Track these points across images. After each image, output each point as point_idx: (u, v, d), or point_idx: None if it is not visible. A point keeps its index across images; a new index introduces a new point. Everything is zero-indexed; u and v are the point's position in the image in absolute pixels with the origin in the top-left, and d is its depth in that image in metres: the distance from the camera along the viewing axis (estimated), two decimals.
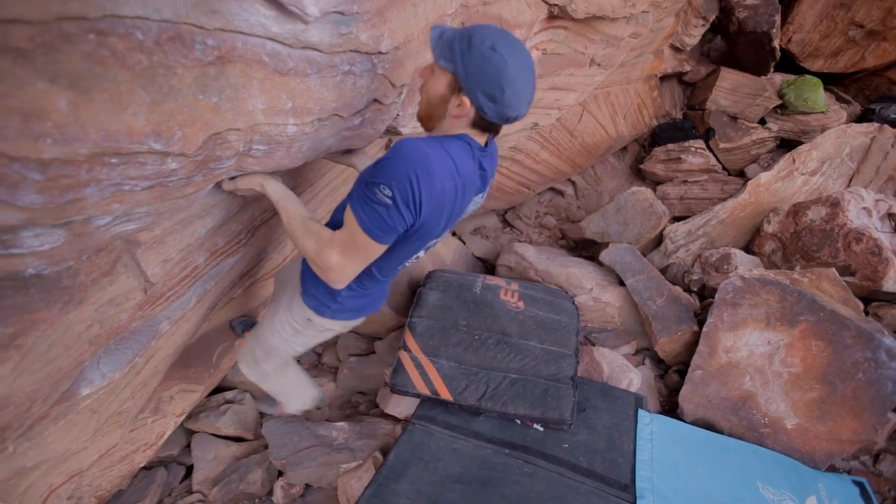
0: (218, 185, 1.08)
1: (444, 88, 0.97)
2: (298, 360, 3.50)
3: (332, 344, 3.62)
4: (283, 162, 1.06)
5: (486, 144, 1.09)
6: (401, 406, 2.73)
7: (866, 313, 3.08)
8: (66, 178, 0.70)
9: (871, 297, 3.11)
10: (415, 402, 2.60)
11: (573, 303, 3.13)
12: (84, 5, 0.62)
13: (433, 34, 0.97)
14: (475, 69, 0.91)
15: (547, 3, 1.97)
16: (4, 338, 0.88)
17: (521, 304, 2.91)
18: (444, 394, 2.44)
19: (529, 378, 2.50)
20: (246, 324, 2.27)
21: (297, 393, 2.08)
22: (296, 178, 1.50)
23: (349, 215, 0.98)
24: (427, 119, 1.07)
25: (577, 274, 3.56)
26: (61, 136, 0.66)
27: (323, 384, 3.37)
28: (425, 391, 2.45)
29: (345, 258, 1.01)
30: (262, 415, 3.28)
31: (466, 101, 0.95)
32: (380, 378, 3.22)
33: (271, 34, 0.84)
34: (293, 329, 1.44)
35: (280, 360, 1.71)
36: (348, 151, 1.34)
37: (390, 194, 0.91)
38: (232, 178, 1.06)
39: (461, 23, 1.51)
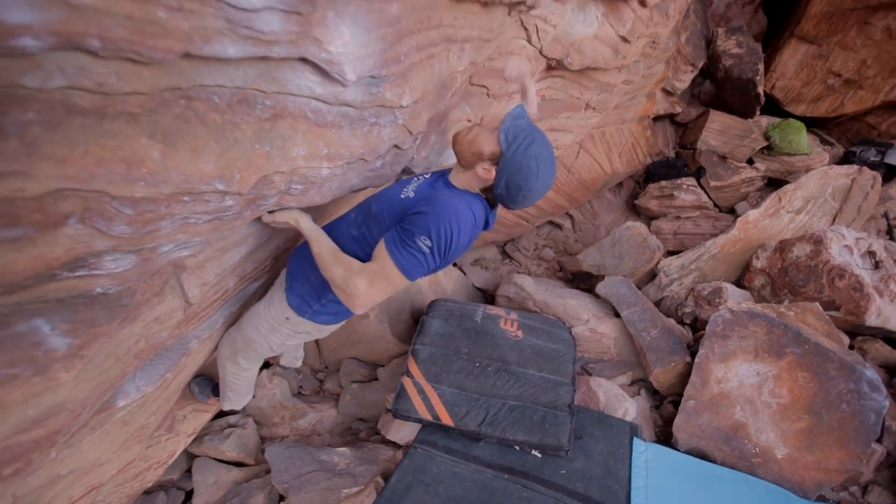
0: (257, 218, 1.23)
1: (486, 150, 1.18)
2: (300, 389, 3.59)
3: (334, 370, 3.70)
4: (314, 199, 1.22)
5: (493, 206, 1.31)
6: (402, 432, 2.80)
7: (852, 347, 3.20)
8: (149, 213, 0.85)
9: (856, 332, 3.23)
10: (415, 429, 2.67)
11: (570, 333, 3.24)
12: (180, 78, 0.79)
13: (516, 111, 1.20)
14: (516, 165, 1.13)
15: (546, 57, 2.19)
16: (73, 348, 1.01)
17: (520, 333, 3.02)
18: (446, 419, 2.52)
19: (528, 405, 2.59)
20: (203, 384, 2.32)
21: (241, 395, 2.13)
22: (318, 213, 1.66)
23: (383, 252, 1.14)
24: (458, 152, 1.26)
25: (574, 305, 3.69)
26: (151, 179, 0.82)
27: (324, 410, 3.44)
28: (427, 416, 2.53)
29: (372, 286, 1.15)
30: (263, 440, 3.33)
31: (493, 174, 1.16)
32: (381, 405, 3.29)
33: (316, 95, 1.01)
34: (269, 325, 1.55)
35: (255, 356, 1.77)
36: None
37: (429, 244, 1.10)
38: (271, 213, 1.21)
39: (486, 90, 1.75)
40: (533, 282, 4.03)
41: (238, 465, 3.12)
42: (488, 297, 4.56)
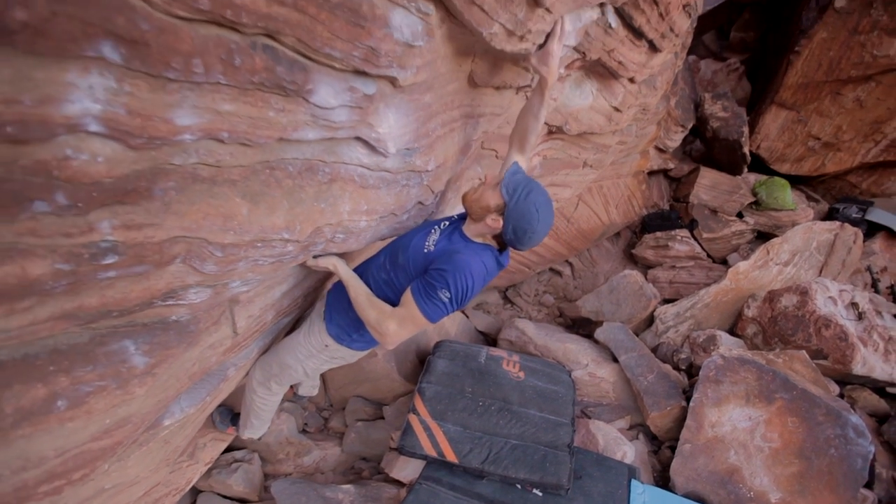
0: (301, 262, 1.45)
1: (493, 204, 1.39)
2: (305, 427, 3.68)
3: (339, 409, 3.80)
4: (352, 246, 1.44)
5: (502, 251, 1.52)
6: (406, 470, 2.89)
7: (842, 396, 3.32)
8: (233, 255, 1.07)
9: (845, 381, 3.37)
10: (419, 467, 2.76)
11: (570, 375, 3.38)
12: (270, 154, 1.03)
13: (512, 168, 1.43)
14: (519, 212, 1.35)
15: (546, 124, 2.49)
16: (148, 366, 1.19)
17: (521, 374, 3.17)
18: (450, 456, 2.62)
19: (529, 444, 2.70)
20: (223, 413, 2.47)
21: (264, 421, 2.27)
22: (346, 255, 1.89)
23: (410, 300, 1.37)
24: (468, 208, 1.47)
25: (573, 350, 3.84)
26: (239, 230, 1.04)
27: (328, 448, 3.51)
28: (432, 453, 2.64)
29: (401, 327, 1.39)
30: (266, 476, 3.39)
31: (500, 222, 1.38)
32: (385, 444, 3.37)
33: (363, 164, 1.26)
34: (307, 352, 1.74)
35: (287, 381, 1.93)
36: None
37: (448, 296, 1.32)
38: (315, 258, 1.44)
39: (495, 153, 2.03)
40: (534, 326, 4.19)
41: (241, 501, 3.17)
42: (490, 340, 4.70)
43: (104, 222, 0.85)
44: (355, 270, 1.58)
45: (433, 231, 1.53)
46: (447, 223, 1.56)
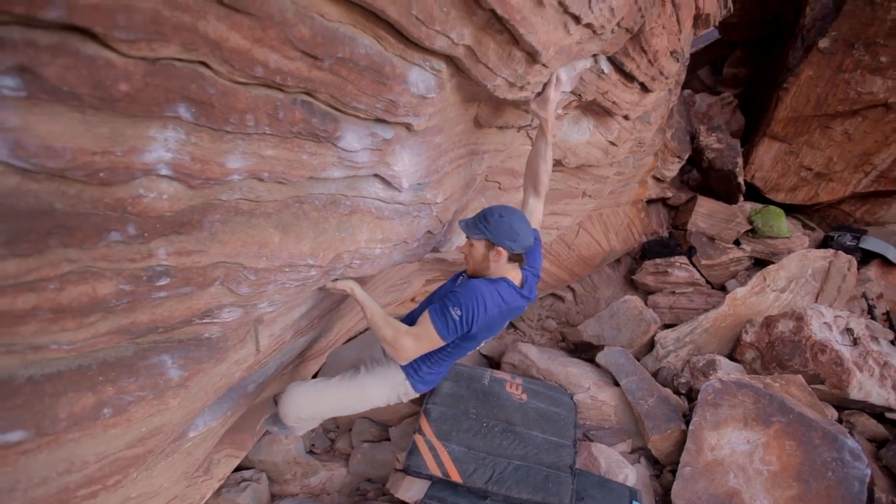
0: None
1: (483, 249, 1.54)
2: (312, 447, 3.73)
3: (346, 430, 3.86)
4: (367, 271, 1.58)
5: (523, 284, 1.64)
6: (411, 491, 2.93)
7: (840, 421, 3.37)
8: (264, 279, 1.21)
9: (843, 406, 3.42)
10: (423, 487, 2.82)
11: (571, 398, 3.45)
12: (300, 190, 1.18)
13: (461, 225, 1.58)
14: (496, 230, 1.50)
15: None
16: (182, 379, 1.31)
17: (524, 396, 3.24)
18: (455, 476, 2.69)
19: (532, 465, 2.76)
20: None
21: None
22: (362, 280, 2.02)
23: (426, 319, 1.52)
24: (478, 272, 1.62)
25: (575, 373, 3.91)
26: (271, 256, 1.18)
27: (334, 469, 3.56)
28: (437, 472, 2.71)
29: (416, 343, 1.53)
30: (273, 496, 3.43)
31: (500, 249, 1.51)
32: (390, 465, 3.42)
33: (379, 197, 1.41)
34: (382, 396, 1.84)
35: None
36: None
37: (459, 314, 1.46)
38: (333, 281, 1.57)
39: (499, 185, 2.20)
40: (537, 350, 4.27)
41: None
42: (494, 364, 4.77)
43: (161, 249, 0.99)
44: (408, 316, 1.77)
45: (463, 275, 1.75)
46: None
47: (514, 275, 1.62)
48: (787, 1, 5.63)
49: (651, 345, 4.43)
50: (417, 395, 1.88)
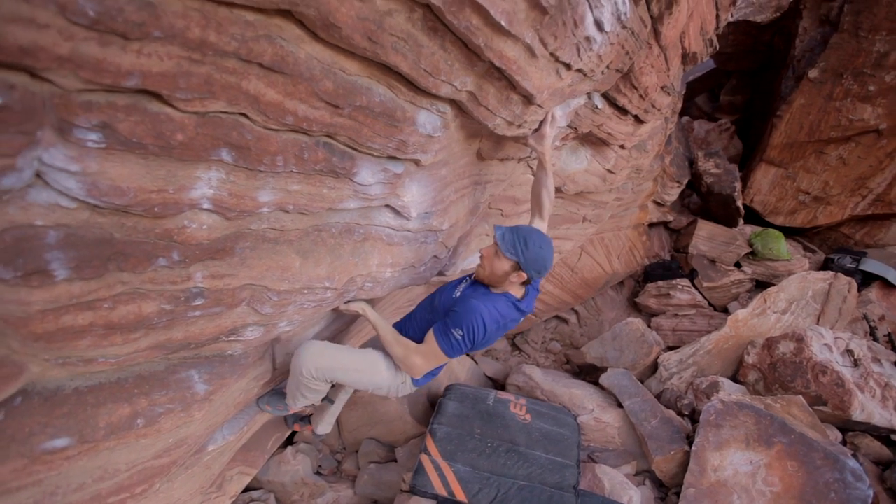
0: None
1: (508, 268, 1.58)
2: (319, 469, 3.77)
3: (353, 451, 3.90)
4: (377, 293, 1.70)
5: (524, 297, 1.70)
6: None
7: (844, 443, 3.38)
8: (285, 300, 1.33)
9: (846, 427, 3.43)
10: None
11: (575, 419, 3.49)
12: (319, 219, 1.31)
13: (498, 233, 1.59)
14: (531, 259, 1.56)
15: None
16: (207, 393, 1.42)
17: (528, 416, 3.29)
18: (460, 495, 2.73)
19: (536, 485, 2.80)
20: (290, 418, 2.52)
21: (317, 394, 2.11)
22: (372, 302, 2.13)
23: (431, 337, 1.61)
24: (491, 283, 1.67)
25: (579, 395, 3.95)
26: (292, 279, 1.31)
27: (341, 490, 3.59)
28: (443, 492, 2.75)
29: (425, 362, 1.64)
30: None
31: (524, 275, 1.59)
32: (396, 486, 3.45)
33: (390, 225, 1.54)
34: (388, 375, 1.81)
35: (346, 382, 1.87)
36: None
37: (461, 334, 1.55)
38: (346, 303, 1.68)
39: (501, 212, 2.33)
40: (541, 372, 4.32)
41: None
42: (499, 385, 4.81)
43: (198, 273, 1.12)
44: (409, 314, 1.86)
45: (464, 281, 1.78)
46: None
47: (518, 290, 1.69)
48: (779, 32, 5.86)
49: (654, 367, 4.46)
50: (412, 392, 1.92)
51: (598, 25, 1.38)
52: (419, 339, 1.73)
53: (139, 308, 1.06)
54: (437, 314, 1.70)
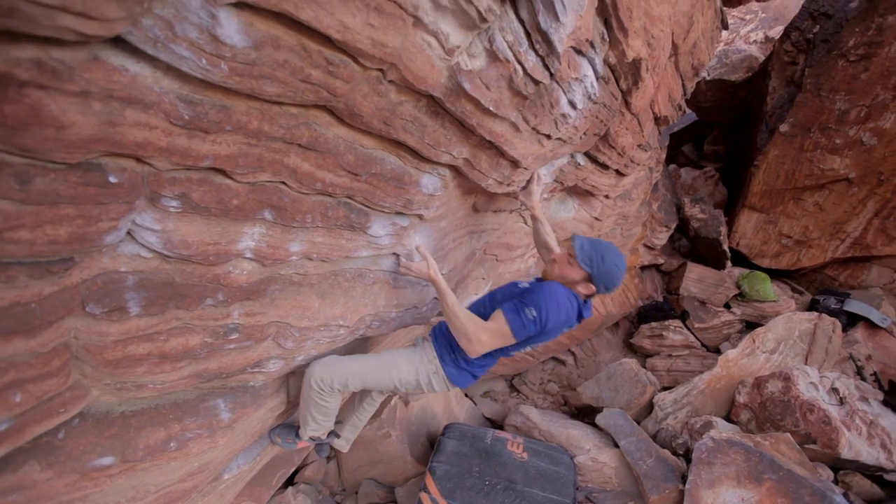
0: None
1: (578, 277, 1.62)
2: (325, 488, 3.78)
3: (352, 492, 3.92)
4: (383, 331, 1.89)
5: (586, 300, 1.72)
6: None
7: (836, 482, 3.44)
8: (305, 336, 1.52)
9: (837, 466, 3.50)
10: None
11: (571, 458, 3.56)
12: (337, 266, 1.53)
13: (577, 242, 1.62)
14: (604, 275, 1.58)
15: None
16: (230, 421, 1.58)
17: (525, 454, 3.38)
18: None
19: None
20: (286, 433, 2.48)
21: (329, 418, 2.01)
22: (376, 340, 2.32)
23: (500, 315, 1.58)
24: (555, 279, 1.66)
25: (576, 435, 4.03)
26: (311, 317, 1.51)
27: None
28: None
29: (490, 339, 1.58)
30: None
31: (593, 287, 1.64)
32: None
33: (396, 270, 1.76)
34: (420, 359, 1.75)
35: (365, 386, 1.79)
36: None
37: (534, 315, 1.53)
38: (407, 263, 1.71)
39: (496, 257, 2.55)
40: (538, 413, 4.41)
41: None
42: (497, 426, 4.86)
43: (235, 311, 1.32)
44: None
45: (525, 280, 1.84)
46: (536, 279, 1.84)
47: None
48: (752, 90, 6.34)
49: (650, 407, 4.55)
50: (444, 383, 1.79)
51: (572, 104, 1.66)
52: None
53: (186, 340, 1.26)
54: (498, 304, 1.68)
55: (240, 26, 0.87)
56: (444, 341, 1.75)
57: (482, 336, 1.57)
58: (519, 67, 1.34)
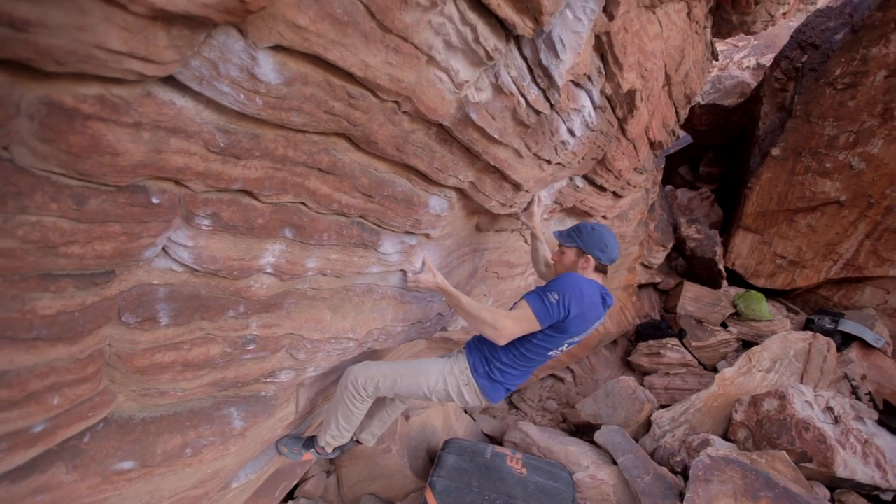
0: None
1: (574, 256, 1.71)
2: (324, 503, 3.77)
3: None
4: (390, 345, 1.96)
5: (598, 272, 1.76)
6: None
7: (833, 501, 3.47)
8: (317, 348, 1.60)
9: (833, 485, 3.53)
10: None
11: (570, 474, 3.59)
12: (348, 281, 1.62)
13: (556, 234, 1.79)
14: (588, 239, 1.70)
15: None
16: (242, 429, 1.64)
17: (524, 470, 3.41)
18: None
19: None
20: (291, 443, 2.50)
21: (352, 426, 2.04)
22: (380, 354, 2.39)
23: (523, 302, 1.62)
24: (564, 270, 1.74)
25: (575, 452, 4.05)
26: (323, 330, 1.59)
27: None
28: None
29: (515, 324, 1.59)
30: None
31: (589, 257, 1.71)
32: None
33: (403, 286, 1.84)
34: (451, 370, 1.78)
35: (396, 393, 1.82)
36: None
37: (557, 297, 1.56)
38: (415, 275, 1.82)
39: (497, 275, 2.65)
40: (537, 429, 4.43)
41: None
42: (496, 442, 4.88)
43: (254, 323, 1.40)
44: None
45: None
46: None
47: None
48: (745, 114, 6.53)
49: (648, 424, 4.58)
50: (477, 395, 1.79)
51: (571, 132, 1.77)
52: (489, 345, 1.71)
53: (208, 350, 1.33)
54: None
55: (275, 65, 0.97)
56: (479, 353, 1.77)
57: (506, 322, 1.59)
58: (522, 100, 1.46)
